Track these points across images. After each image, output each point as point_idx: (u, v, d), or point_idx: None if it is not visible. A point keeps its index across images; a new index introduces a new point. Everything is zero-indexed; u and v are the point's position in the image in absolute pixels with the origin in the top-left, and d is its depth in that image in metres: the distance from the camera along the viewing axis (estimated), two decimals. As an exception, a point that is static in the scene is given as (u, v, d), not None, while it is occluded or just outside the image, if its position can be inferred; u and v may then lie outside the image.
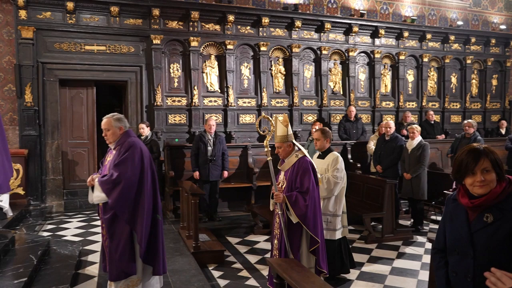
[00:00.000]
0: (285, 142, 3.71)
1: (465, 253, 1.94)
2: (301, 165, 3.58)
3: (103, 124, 3.66)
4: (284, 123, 3.71)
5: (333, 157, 4.49)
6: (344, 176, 4.50)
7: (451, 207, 2.09)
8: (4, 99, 7.76)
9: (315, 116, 9.77)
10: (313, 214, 3.48)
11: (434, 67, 11.22)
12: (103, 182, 3.45)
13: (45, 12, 7.76)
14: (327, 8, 9.99)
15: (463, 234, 1.96)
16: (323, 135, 4.56)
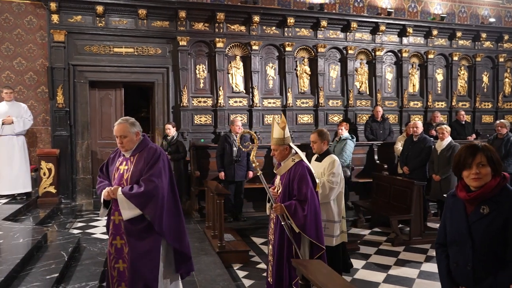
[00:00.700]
0: (281, 145, 3.52)
1: (464, 243, 2.09)
2: (298, 171, 3.40)
3: (118, 130, 3.27)
4: (281, 124, 3.55)
5: (329, 161, 4.28)
6: (341, 180, 4.30)
7: (450, 202, 2.26)
8: (38, 100, 8.03)
9: (341, 116, 9.66)
10: (314, 223, 3.35)
11: (465, 65, 10.90)
12: (134, 195, 3.09)
13: (76, 16, 7.99)
14: (353, 7, 9.87)
15: (462, 226, 2.12)
16: (320, 137, 4.38)
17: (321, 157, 4.37)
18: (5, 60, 7.83)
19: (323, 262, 3.26)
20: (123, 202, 3.11)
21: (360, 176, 8.29)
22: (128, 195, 3.09)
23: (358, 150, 8.26)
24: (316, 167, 4.20)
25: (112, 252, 3.25)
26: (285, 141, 3.53)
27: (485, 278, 2.03)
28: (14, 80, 7.86)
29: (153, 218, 3.11)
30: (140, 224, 3.16)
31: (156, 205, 3.11)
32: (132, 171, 3.21)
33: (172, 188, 3.33)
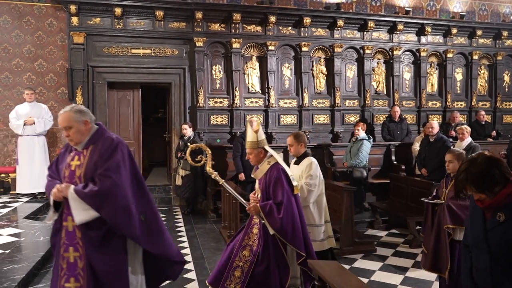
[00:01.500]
0: (255, 148, 3.42)
1: (482, 249, 2.09)
2: (273, 174, 3.31)
3: (60, 121, 2.80)
4: (254, 128, 3.44)
5: (307, 163, 4.11)
6: (321, 182, 4.13)
7: (472, 206, 2.24)
8: (57, 101, 8.20)
9: (358, 116, 9.58)
10: (291, 227, 3.22)
11: (485, 64, 10.69)
12: (89, 194, 2.61)
13: (95, 18, 8.12)
14: (371, 6, 9.78)
15: (479, 231, 2.11)
16: (296, 140, 4.18)
17: (299, 160, 4.22)
18: (27, 62, 8.01)
19: (339, 263, 3.24)
20: (76, 202, 2.61)
21: (377, 177, 8.20)
22: (82, 194, 2.61)
23: (375, 151, 8.18)
24: (295, 170, 4.11)
25: (63, 267, 2.68)
26: (259, 144, 3.42)
27: (505, 282, 2.02)
28: (35, 81, 8.04)
29: (113, 220, 2.65)
30: (100, 230, 2.67)
31: (115, 205, 2.64)
32: (85, 167, 2.73)
33: (137, 182, 2.87)
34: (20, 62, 7.99)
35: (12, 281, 3.37)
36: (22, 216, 5.68)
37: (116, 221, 2.66)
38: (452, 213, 3.67)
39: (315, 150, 8.30)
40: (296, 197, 3.37)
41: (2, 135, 7.93)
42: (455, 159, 3.90)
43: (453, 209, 3.66)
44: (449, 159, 3.97)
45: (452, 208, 3.67)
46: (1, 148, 7.94)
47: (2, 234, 4.78)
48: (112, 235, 2.69)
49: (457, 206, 3.66)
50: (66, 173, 2.78)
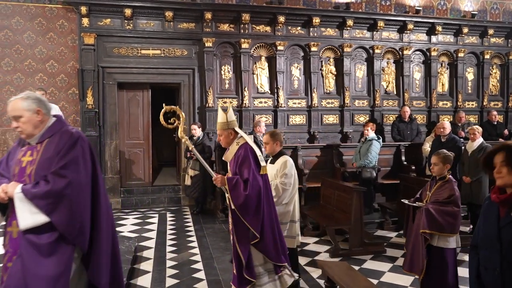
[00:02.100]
0: (225, 130, 3.45)
1: (493, 247, 2.06)
2: (241, 154, 3.31)
3: (9, 110, 2.50)
4: (222, 110, 3.51)
5: (282, 161, 4.08)
6: (295, 182, 4.11)
7: (486, 204, 2.22)
8: (68, 102, 8.28)
9: (367, 116, 9.53)
10: (255, 206, 3.19)
11: (497, 64, 10.56)
12: (38, 195, 2.24)
13: (105, 19, 8.19)
14: (380, 6, 9.72)
15: (492, 229, 2.09)
16: (272, 138, 4.17)
17: (274, 159, 4.19)
18: (38, 62, 8.11)
19: (347, 264, 3.23)
20: (22, 203, 2.23)
21: (387, 177, 8.15)
22: (30, 194, 2.24)
23: (384, 151, 8.13)
24: (270, 169, 4.07)
25: (3, 280, 2.31)
26: (229, 125, 3.44)
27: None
28: (46, 82, 8.14)
29: (65, 227, 2.27)
30: (48, 238, 2.27)
31: (69, 209, 2.28)
32: (38, 163, 2.36)
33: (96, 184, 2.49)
34: (32, 63, 8.09)
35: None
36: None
37: (68, 229, 2.27)
38: (430, 217, 3.59)
39: (325, 150, 8.28)
40: (263, 177, 3.32)
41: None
42: (441, 162, 3.80)
43: (431, 213, 3.60)
44: (434, 161, 3.86)
45: (431, 212, 3.60)
46: (13, 148, 8.05)
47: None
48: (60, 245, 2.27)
49: (437, 211, 3.59)
50: (16, 171, 2.39)
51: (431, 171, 3.93)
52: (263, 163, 3.34)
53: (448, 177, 3.81)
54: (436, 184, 3.84)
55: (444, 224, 3.60)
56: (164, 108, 3.68)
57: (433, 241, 3.63)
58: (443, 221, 3.57)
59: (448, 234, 3.63)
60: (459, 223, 3.69)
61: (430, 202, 3.74)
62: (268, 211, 3.32)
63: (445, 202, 3.65)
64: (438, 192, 3.77)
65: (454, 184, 3.76)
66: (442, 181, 3.82)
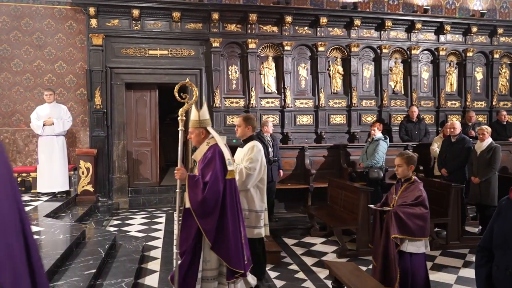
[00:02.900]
0: (196, 128, 3.36)
1: (507, 247, 2.05)
2: (208, 155, 3.23)
3: None
4: (196, 108, 3.39)
5: (249, 146, 4.01)
6: (262, 167, 4.01)
7: (503, 204, 2.19)
8: (77, 102, 8.34)
9: (375, 116, 9.48)
10: (211, 210, 3.11)
11: (506, 63, 10.45)
12: None
13: (113, 20, 8.24)
14: (388, 5, 9.66)
15: (508, 229, 2.07)
16: (245, 122, 4.10)
17: (244, 143, 4.13)
18: (47, 63, 8.18)
19: (355, 264, 3.21)
20: None
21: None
22: None
23: (392, 151, 8.05)
24: (238, 154, 4.03)
25: None
26: (201, 123, 3.35)
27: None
28: (55, 82, 8.20)
29: None
30: None
31: None
32: None
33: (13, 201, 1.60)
34: (41, 64, 8.16)
35: (33, 278, 3.44)
36: (43, 215, 5.79)
37: None
38: (399, 221, 3.43)
39: (332, 150, 8.26)
40: (230, 182, 3.23)
41: (24, 135, 8.12)
42: (405, 163, 3.66)
43: (400, 217, 3.43)
44: (398, 162, 3.71)
45: (400, 216, 3.44)
46: (23, 148, 8.13)
47: (23, 232, 4.88)
48: None
49: (405, 214, 3.43)
50: None
51: (396, 173, 3.77)
52: (231, 167, 3.24)
53: (413, 178, 3.69)
54: (402, 187, 3.69)
55: (414, 228, 3.44)
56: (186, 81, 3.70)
57: (403, 247, 3.45)
58: (412, 224, 3.42)
59: (418, 238, 3.47)
60: (428, 225, 3.55)
61: (398, 205, 3.56)
62: (231, 216, 3.22)
63: (413, 204, 3.50)
64: (405, 194, 3.62)
65: (420, 185, 3.64)
66: (408, 183, 3.68)
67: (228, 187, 3.22)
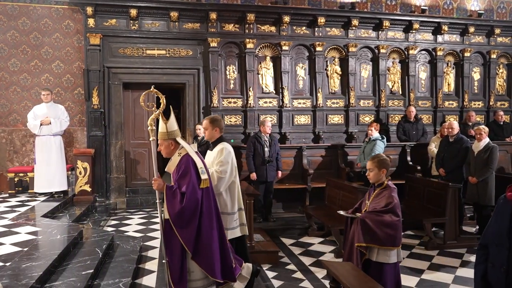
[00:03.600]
0: (165, 140, 3.33)
1: (502, 245, 2.09)
2: (181, 166, 3.23)
3: None
4: (163, 119, 3.31)
5: (219, 149, 3.94)
6: (233, 169, 3.96)
7: (500, 203, 2.24)
8: (74, 102, 8.32)
9: (372, 116, 9.50)
10: (188, 219, 3.11)
11: (504, 64, 10.48)
12: None
13: (111, 20, 8.22)
14: (386, 5, 9.67)
15: (503, 227, 2.11)
16: (211, 124, 4.00)
17: (213, 145, 4.07)
18: (45, 63, 8.16)
19: (352, 264, 3.21)
20: None
21: (392, 177, 7.97)
22: None
23: (390, 151, 8.09)
24: (208, 156, 3.99)
25: None
26: (169, 135, 3.32)
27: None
28: (52, 82, 8.18)
29: None
30: None
31: None
32: None
33: None
34: (38, 64, 8.13)
35: (30, 278, 3.43)
36: (40, 215, 5.78)
37: None
38: (366, 229, 3.26)
39: (329, 150, 8.26)
40: (206, 190, 3.23)
41: (21, 135, 8.09)
42: (376, 167, 3.50)
43: (367, 224, 3.26)
44: (369, 167, 3.55)
45: (367, 223, 3.27)
46: (20, 148, 8.10)
47: (20, 232, 4.87)
48: None
49: (374, 221, 3.27)
50: None
51: (368, 177, 3.62)
52: (204, 176, 3.23)
53: (386, 183, 3.51)
54: (375, 192, 3.53)
55: (382, 237, 3.24)
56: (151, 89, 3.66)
57: (372, 256, 3.29)
58: (381, 233, 3.22)
59: (388, 247, 3.28)
60: (400, 234, 3.34)
61: (367, 212, 3.41)
62: (209, 224, 3.22)
63: (383, 211, 3.31)
64: (376, 200, 3.44)
65: (393, 191, 3.44)
66: (380, 188, 3.50)
67: (204, 196, 3.23)
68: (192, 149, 3.36)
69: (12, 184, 7.40)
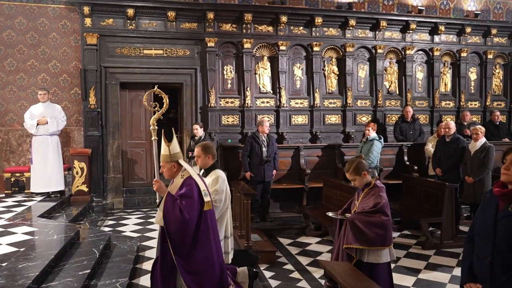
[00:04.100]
0: (168, 162, 3.29)
1: (487, 238, 2.17)
2: (183, 187, 3.19)
3: None
4: (165, 141, 3.28)
5: (214, 177, 3.89)
6: (227, 198, 3.95)
7: (487, 197, 2.32)
8: (71, 101, 8.30)
9: (370, 116, 9.51)
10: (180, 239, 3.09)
11: (500, 64, 10.52)
12: None
13: (108, 19, 8.20)
14: (383, 6, 9.69)
15: (489, 220, 2.19)
16: (204, 152, 3.94)
17: (206, 172, 4.00)
18: (41, 62, 8.13)
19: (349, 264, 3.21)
20: None
21: (389, 177, 8.13)
22: None
23: (387, 151, 8.12)
24: None
25: None
26: (172, 158, 3.28)
27: (501, 275, 2.10)
28: (49, 82, 8.15)
29: None
30: None
31: None
32: None
33: None
34: (34, 63, 8.11)
35: (26, 278, 3.42)
36: (36, 215, 5.76)
37: None
38: (356, 230, 3.23)
39: (327, 150, 8.27)
40: (209, 213, 3.21)
41: (17, 135, 8.07)
42: (356, 175, 3.45)
43: (357, 226, 3.24)
44: (349, 178, 3.51)
45: (356, 224, 3.25)
46: (16, 148, 8.08)
47: (16, 232, 4.86)
48: None
49: (363, 222, 3.24)
50: None
51: (352, 183, 3.57)
52: (207, 198, 3.20)
53: (373, 183, 3.46)
54: (363, 192, 3.49)
55: (372, 237, 3.22)
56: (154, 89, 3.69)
57: (363, 257, 3.26)
58: (371, 233, 3.20)
59: (379, 247, 3.26)
60: (390, 234, 3.31)
61: (356, 212, 3.39)
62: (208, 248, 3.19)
63: (372, 211, 3.28)
64: (365, 201, 3.41)
65: (381, 190, 3.40)
66: (368, 189, 3.46)
67: (207, 219, 3.19)
68: (194, 171, 3.33)
69: (8, 184, 7.37)
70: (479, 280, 2.22)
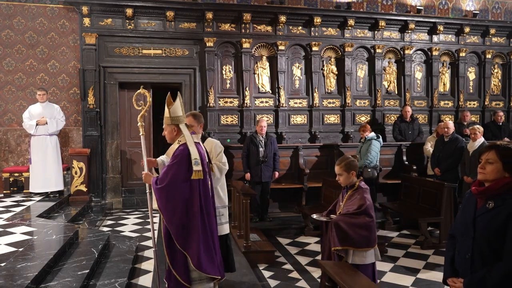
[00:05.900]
0: (168, 125, 3.31)
1: (467, 234, 2.25)
2: (175, 154, 3.19)
3: None
4: (167, 102, 3.29)
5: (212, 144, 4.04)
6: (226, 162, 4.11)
7: (467, 196, 2.41)
8: (70, 101, 8.29)
9: (368, 116, 9.52)
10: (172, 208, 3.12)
11: (499, 64, 10.54)
12: None
13: (106, 19, 8.19)
14: (382, 5, 9.70)
15: (469, 218, 2.28)
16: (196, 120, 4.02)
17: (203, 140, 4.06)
18: (40, 62, 8.12)
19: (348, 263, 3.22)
20: None
21: (388, 177, 8.14)
22: None
23: (386, 151, 8.12)
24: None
25: None
26: (172, 120, 3.28)
27: (481, 269, 2.17)
28: (48, 82, 8.14)
29: None
30: None
31: None
32: None
33: None
34: (33, 63, 8.10)
35: (25, 278, 3.41)
36: (35, 215, 5.75)
37: None
38: (340, 232, 3.23)
39: (325, 150, 8.28)
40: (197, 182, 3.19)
41: (16, 135, 8.06)
42: (344, 171, 3.43)
43: (341, 227, 3.23)
44: (337, 172, 3.47)
45: (340, 226, 3.24)
46: (15, 148, 8.06)
47: (15, 232, 4.85)
48: None
49: (347, 223, 3.24)
50: None
51: (338, 181, 3.54)
52: (197, 167, 3.16)
53: (357, 185, 3.43)
54: (347, 194, 3.47)
55: (357, 238, 3.22)
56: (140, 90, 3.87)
57: (348, 258, 3.25)
58: (355, 235, 3.21)
59: (364, 248, 3.26)
60: (374, 235, 3.31)
61: (340, 214, 3.39)
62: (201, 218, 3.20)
63: (356, 213, 3.28)
64: (349, 202, 3.40)
65: (365, 192, 3.38)
66: (352, 190, 3.44)
67: (195, 187, 3.18)
68: (192, 139, 3.30)
69: (7, 184, 7.36)
70: (461, 274, 2.30)
